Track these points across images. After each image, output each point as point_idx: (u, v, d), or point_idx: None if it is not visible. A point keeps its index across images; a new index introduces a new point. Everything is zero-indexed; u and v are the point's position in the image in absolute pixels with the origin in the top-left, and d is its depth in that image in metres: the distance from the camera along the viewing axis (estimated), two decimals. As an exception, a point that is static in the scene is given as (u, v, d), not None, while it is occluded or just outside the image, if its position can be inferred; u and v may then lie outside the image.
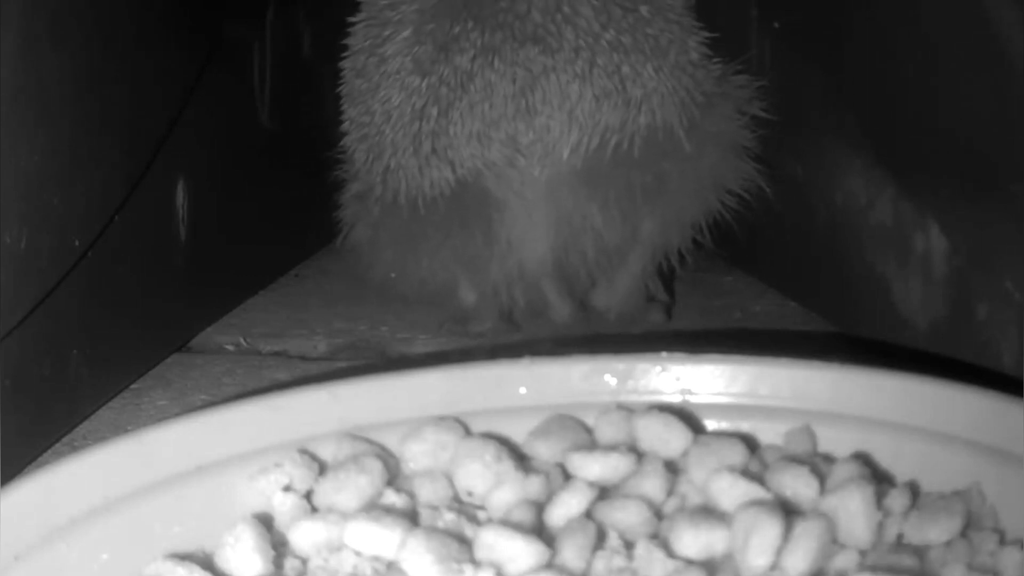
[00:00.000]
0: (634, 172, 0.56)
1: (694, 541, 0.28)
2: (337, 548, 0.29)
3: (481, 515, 0.30)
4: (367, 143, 0.57)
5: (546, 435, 0.33)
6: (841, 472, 0.31)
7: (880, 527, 0.29)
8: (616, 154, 0.55)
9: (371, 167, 0.58)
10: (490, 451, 0.32)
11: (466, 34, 0.54)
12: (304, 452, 0.32)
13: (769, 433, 0.34)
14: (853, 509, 0.28)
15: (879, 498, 0.29)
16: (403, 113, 0.55)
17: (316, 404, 0.33)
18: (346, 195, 0.61)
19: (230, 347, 0.61)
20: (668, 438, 0.33)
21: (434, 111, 0.54)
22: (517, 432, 0.34)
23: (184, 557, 0.29)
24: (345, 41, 0.59)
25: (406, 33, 0.55)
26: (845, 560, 0.28)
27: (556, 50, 0.54)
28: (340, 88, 0.59)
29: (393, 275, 0.60)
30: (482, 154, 0.55)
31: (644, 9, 0.55)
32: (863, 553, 0.28)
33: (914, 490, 0.31)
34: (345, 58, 0.59)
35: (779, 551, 0.27)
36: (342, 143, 0.60)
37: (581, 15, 0.54)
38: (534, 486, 0.30)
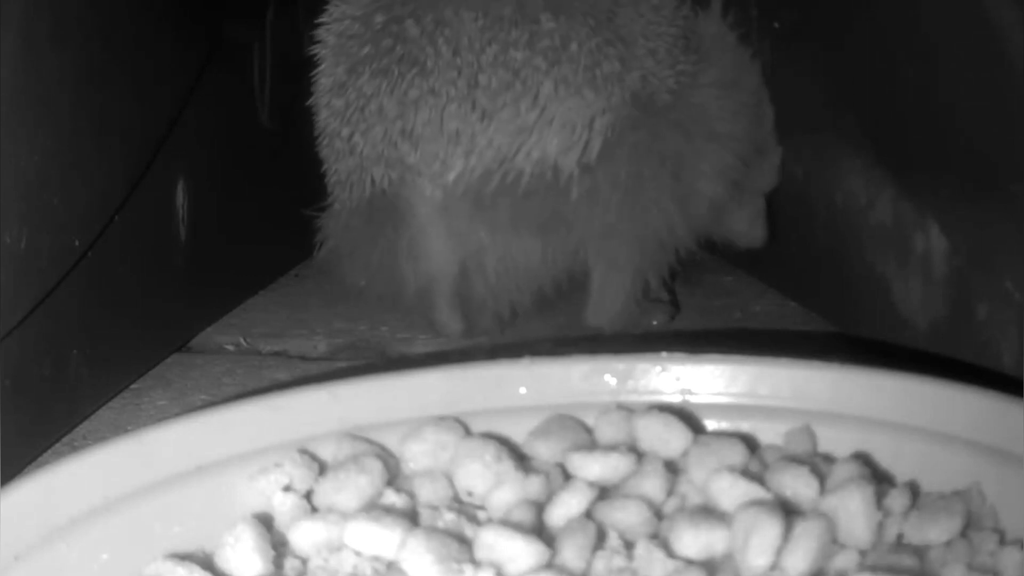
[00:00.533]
0: (523, 205, 0.55)
1: (694, 541, 0.28)
2: (337, 548, 0.29)
3: (481, 515, 0.30)
4: (324, 154, 0.59)
5: (546, 435, 0.33)
6: (841, 472, 0.31)
7: (880, 527, 0.29)
8: (502, 185, 0.54)
9: (329, 179, 0.59)
10: (490, 451, 0.32)
11: (369, 59, 0.54)
12: (304, 452, 0.32)
13: (769, 433, 0.34)
14: (853, 509, 0.28)
15: (879, 498, 0.29)
16: (328, 132, 0.57)
17: (316, 404, 0.33)
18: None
19: (230, 347, 0.61)
20: (668, 438, 0.33)
21: (346, 131, 0.56)
22: (517, 432, 0.34)
23: (184, 557, 0.29)
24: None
25: (331, 56, 0.56)
26: (845, 560, 0.28)
27: (431, 71, 0.53)
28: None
29: (363, 283, 0.60)
30: (384, 173, 0.55)
31: (545, 18, 0.53)
32: (863, 553, 0.28)
33: (914, 490, 0.31)
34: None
35: (779, 551, 0.27)
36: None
37: (464, 33, 0.53)
38: (534, 486, 0.30)
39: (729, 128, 0.59)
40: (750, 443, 0.33)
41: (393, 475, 0.32)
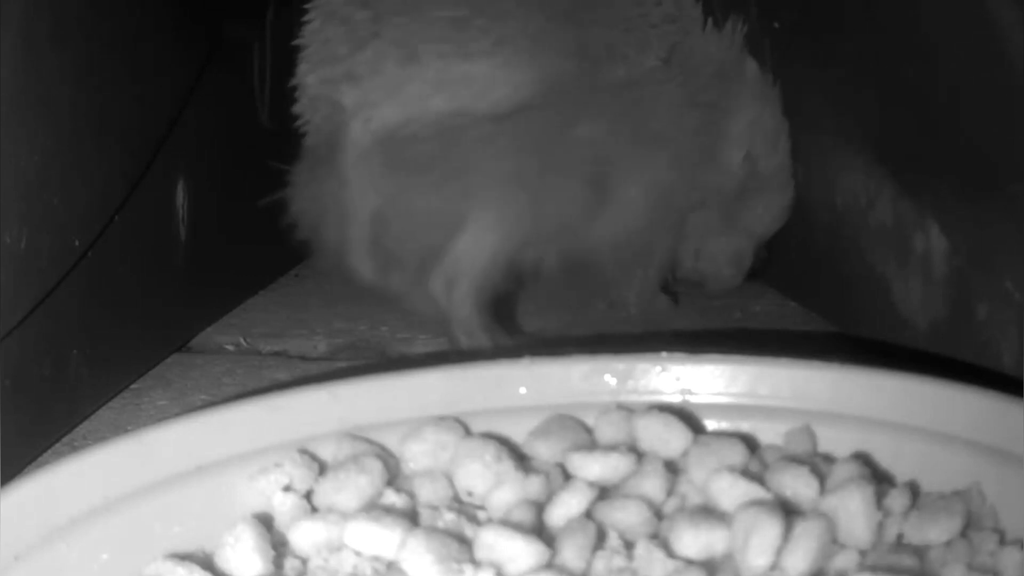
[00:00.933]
0: (427, 149, 0.55)
1: (694, 541, 0.28)
2: (337, 548, 0.29)
3: (481, 515, 0.30)
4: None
5: (546, 435, 0.33)
6: (841, 472, 0.31)
7: (880, 527, 0.29)
8: (414, 132, 0.54)
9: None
10: (490, 451, 0.32)
11: (342, 7, 0.56)
12: (304, 452, 0.32)
13: (769, 433, 0.34)
14: (853, 509, 0.28)
15: (879, 498, 0.29)
16: (302, 83, 0.58)
17: (316, 404, 0.33)
18: None
19: (230, 347, 0.61)
20: (668, 438, 0.33)
21: (309, 77, 0.57)
22: (517, 432, 0.34)
23: (184, 557, 0.29)
24: None
25: (313, 10, 0.58)
26: (845, 560, 0.28)
27: (381, 16, 0.55)
28: None
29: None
30: (328, 114, 0.56)
31: None
32: (863, 553, 0.28)
33: (914, 490, 0.31)
34: None
35: (779, 551, 0.27)
36: None
37: None
38: (534, 486, 0.30)
39: (674, 137, 0.58)
40: (750, 443, 0.33)
41: (393, 475, 0.32)
